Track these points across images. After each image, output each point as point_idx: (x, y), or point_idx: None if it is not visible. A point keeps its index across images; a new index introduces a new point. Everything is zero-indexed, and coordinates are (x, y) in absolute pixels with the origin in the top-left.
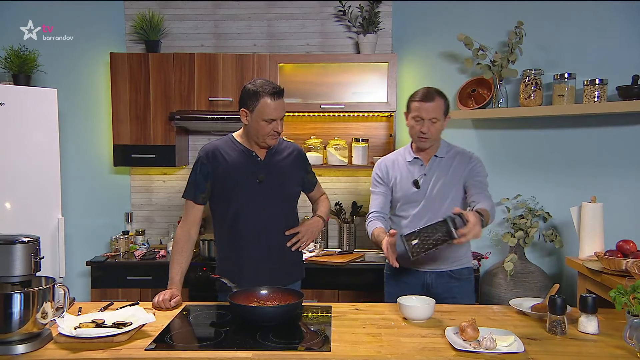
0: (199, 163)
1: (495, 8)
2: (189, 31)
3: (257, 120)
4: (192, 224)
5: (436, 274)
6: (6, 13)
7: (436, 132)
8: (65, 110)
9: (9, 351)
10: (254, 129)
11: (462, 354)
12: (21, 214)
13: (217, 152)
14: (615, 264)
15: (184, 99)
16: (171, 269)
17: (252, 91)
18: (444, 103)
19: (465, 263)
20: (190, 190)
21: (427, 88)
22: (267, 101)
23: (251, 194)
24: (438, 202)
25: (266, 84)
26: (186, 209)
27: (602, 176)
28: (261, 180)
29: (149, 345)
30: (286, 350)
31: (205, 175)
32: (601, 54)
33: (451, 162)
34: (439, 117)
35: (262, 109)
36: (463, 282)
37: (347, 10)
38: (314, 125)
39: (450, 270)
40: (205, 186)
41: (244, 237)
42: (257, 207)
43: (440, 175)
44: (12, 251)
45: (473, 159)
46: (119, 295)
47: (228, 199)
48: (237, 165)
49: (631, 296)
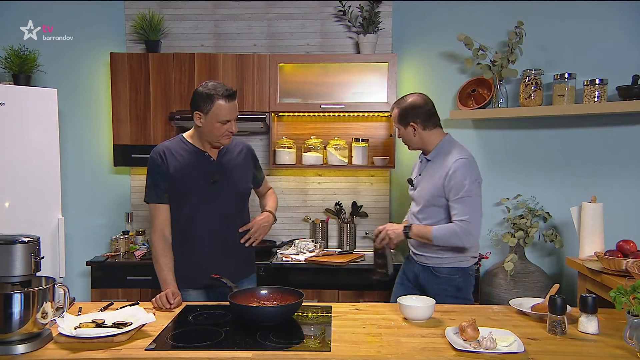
0: (153, 164)
1: (496, 8)
2: (189, 31)
3: (212, 122)
4: (164, 226)
5: (422, 267)
6: (6, 13)
7: (405, 138)
8: (65, 110)
9: (9, 351)
10: (209, 131)
11: (462, 354)
12: (21, 214)
13: (169, 152)
14: (616, 264)
15: (184, 99)
16: (160, 272)
17: (206, 94)
18: (398, 113)
19: (448, 263)
20: (152, 193)
21: None
22: (222, 103)
23: (205, 194)
24: (422, 202)
25: (219, 86)
26: (154, 213)
27: (602, 176)
28: (215, 180)
29: (149, 345)
30: (286, 350)
31: (162, 174)
32: (601, 54)
33: (435, 167)
34: (397, 126)
35: (217, 111)
36: (442, 280)
37: (347, 10)
38: (314, 125)
39: (432, 267)
40: (165, 185)
41: (198, 236)
42: (211, 207)
43: (424, 177)
44: (12, 251)
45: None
46: (119, 295)
47: (182, 199)
48: (190, 166)
49: (631, 296)
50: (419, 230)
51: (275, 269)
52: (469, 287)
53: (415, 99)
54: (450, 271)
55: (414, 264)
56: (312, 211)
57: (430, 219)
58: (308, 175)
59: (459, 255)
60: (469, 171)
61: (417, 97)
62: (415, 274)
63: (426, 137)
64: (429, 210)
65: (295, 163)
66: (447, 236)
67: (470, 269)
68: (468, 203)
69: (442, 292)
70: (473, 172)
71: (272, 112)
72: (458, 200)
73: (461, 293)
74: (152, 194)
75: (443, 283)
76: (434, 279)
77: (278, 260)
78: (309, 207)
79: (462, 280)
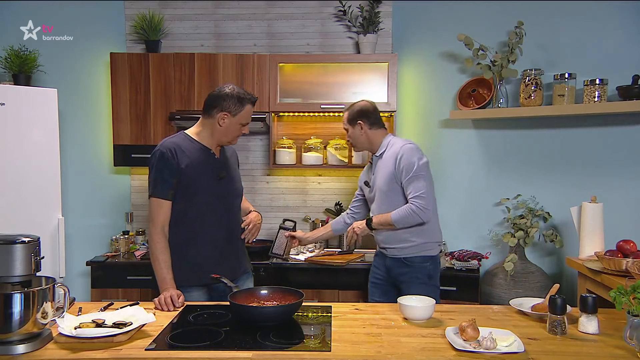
0: (163, 159)
1: (496, 8)
2: (189, 31)
3: (236, 123)
4: (164, 223)
5: (393, 259)
6: (6, 13)
7: (353, 138)
8: (66, 110)
9: (9, 351)
10: (229, 131)
11: (462, 354)
12: (21, 213)
13: (179, 149)
14: (616, 264)
15: (184, 99)
16: (159, 270)
17: (237, 97)
18: (348, 114)
19: (418, 252)
20: (158, 187)
21: None
22: (250, 107)
23: (213, 191)
24: (380, 195)
25: (247, 92)
26: (156, 209)
27: (602, 176)
28: (222, 177)
29: (149, 345)
30: (286, 350)
31: (172, 170)
32: (601, 54)
33: (385, 159)
34: (347, 127)
35: (245, 114)
36: (414, 269)
37: (347, 10)
38: (314, 125)
39: (403, 258)
40: (173, 182)
41: (206, 232)
42: (218, 203)
43: (377, 173)
44: (12, 251)
45: (399, 154)
46: (119, 295)
47: (190, 196)
48: (199, 162)
49: (631, 296)
50: (379, 220)
51: (275, 269)
52: (438, 274)
53: (363, 103)
54: (422, 259)
55: (384, 258)
56: (312, 211)
57: (391, 210)
58: (308, 175)
59: (426, 243)
60: (416, 153)
61: (365, 102)
62: (387, 267)
63: (372, 135)
64: (387, 201)
65: (295, 163)
66: (406, 216)
67: (437, 257)
68: (420, 180)
69: (415, 280)
70: (420, 153)
71: (272, 112)
72: (410, 179)
73: (432, 280)
74: (158, 188)
75: (415, 272)
76: (406, 269)
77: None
78: (309, 207)
79: (432, 268)
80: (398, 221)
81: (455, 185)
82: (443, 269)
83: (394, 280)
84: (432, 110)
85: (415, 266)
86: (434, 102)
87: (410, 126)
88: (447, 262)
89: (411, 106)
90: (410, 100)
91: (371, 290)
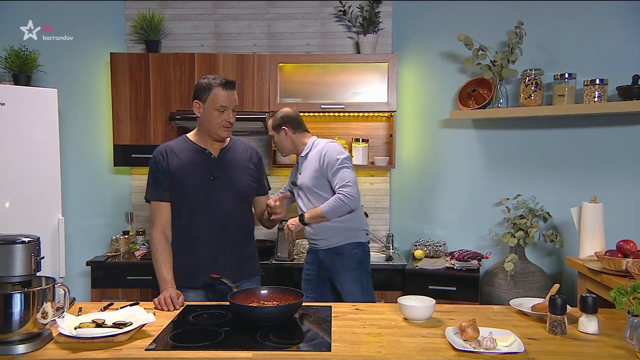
0: (155, 162)
1: (496, 8)
2: (189, 31)
3: (210, 110)
4: (165, 224)
5: (324, 251)
6: (6, 13)
7: (279, 143)
8: (66, 110)
9: (9, 351)
10: (207, 120)
11: (462, 354)
12: (21, 214)
13: (170, 151)
14: (616, 264)
15: (184, 99)
16: (160, 270)
17: (205, 84)
18: (272, 121)
19: (347, 240)
20: (153, 191)
21: None
22: (219, 91)
23: (205, 191)
24: (309, 191)
25: (218, 77)
26: (155, 212)
27: (602, 176)
28: (215, 177)
29: (149, 345)
30: (286, 350)
31: (163, 172)
32: (601, 54)
33: (310, 158)
34: (272, 133)
35: (214, 98)
36: (345, 256)
37: (347, 10)
38: (314, 125)
39: (334, 247)
40: (166, 183)
41: (199, 233)
42: (211, 203)
43: (304, 171)
44: (12, 251)
45: (324, 151)
46: (119, 295)
47: (183, 196)
48: (191, 163)
49: (631, 296)
50: (311, 214)
51: (276, 269)
52: (368, 260)
53: (286, 110)
54: (351, 246)
55: (316, 253)
56: None
57: (319, 204)
58: None
59: (354, 230)
60: (338, 148)
61: (287, 109)
62: (319, 261)
63: (296, 139)
64: (316, 196)
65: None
66: (335, 207)
67: (366, 244)
68: (344, 170)
69: (346, 267)
70: (342, 149)
71: (272, 112)
72: (335, 171)
73: (362, 265)
74: (153, 191)
75: (346, 258)
76: (337, 257)
77: (278, 260)
78: None
79: (362, 254)
80: (328, 212)
81: (455, 185)
82: (444, 268)
83: (326, 273)
84: (432, 110)
85: (346, 253)
86: (434, 102)
87: (410, 126)
88: (447, 262)
89: (411, 106)
90: (410, 100)
91: (303, 287)
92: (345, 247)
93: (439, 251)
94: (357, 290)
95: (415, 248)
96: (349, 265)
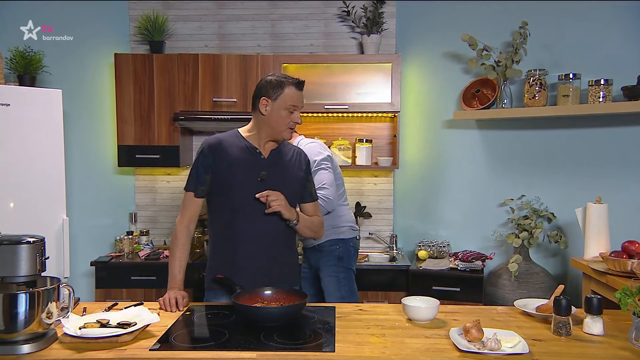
0: (201, 155)
1: (500, 8)
2: (193, 32)
3: (279, 109)
4: (191, 218)
5: (310, 249)
6: (6, 13)
7: None
8: (70, 111)
9: (14, 351)
10: (274, 120)
11: (466, 355)
12: (26, 214)
13: (220, 145)
14: (621, 265)
15: (188, 100)
16: (172, 265)
17: (277, 81)
18: None
19: (327, 236)
20: (191, 182)
21: None
22: (292, 90)
23: (251, 191)
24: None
25: (287, 75)
26: (185, 203)
27: (607, 177)
28: (262, 178)
29: (153, 345)
30: (290, 350)
31: (206, 167)
32: (606, 54)
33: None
34: None
35: (286, 97)
36: (324, 253)
37: (350, 10)
38: (318, 125)
39: (316, 244)
40: (206, 179)
41: (240, 233)
42: (255, 205)
43: None
44: (17, 251)
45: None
46: (124, 296)
47: (226, 193)
48: (239, 160)
49: (637, 297)
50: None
51: None
52: (350, 257)
53: None
54: (330, 243)
55: (305, 250)
56: None
57: None
58: None
59: (335, 227)
60: (317, 150)
61: None
62: (308, 258)
63: None
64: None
65: None
66: None
67: (351, 241)
68: (320, 173)
69: (325, 263)
70: (321, 149)
71: None
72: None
73: (342, 262)
74: (191, 183)
75: (325, 255)
76: (319, 254)
77: None
78: None
79: (342, 250)
80: None
81: (459, 185)
82: (447, 269)
83: (314, 270)
84: (435, 111)
85: (325, 250)
86: (438, 103)
87: (414, 126)
88: (451, 262)
89: (415, 106)
90: (414, 100)
91: (302, 284)
92: (325, 244)
93: (443, 252)
94: (333, 286)
95: (419, 248)
96: (327, 262)
